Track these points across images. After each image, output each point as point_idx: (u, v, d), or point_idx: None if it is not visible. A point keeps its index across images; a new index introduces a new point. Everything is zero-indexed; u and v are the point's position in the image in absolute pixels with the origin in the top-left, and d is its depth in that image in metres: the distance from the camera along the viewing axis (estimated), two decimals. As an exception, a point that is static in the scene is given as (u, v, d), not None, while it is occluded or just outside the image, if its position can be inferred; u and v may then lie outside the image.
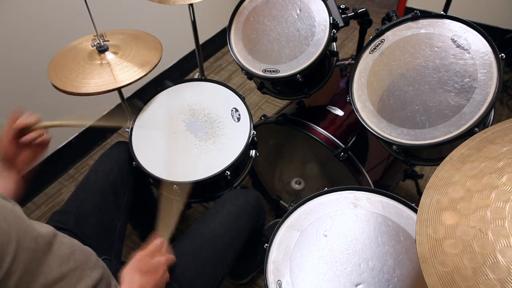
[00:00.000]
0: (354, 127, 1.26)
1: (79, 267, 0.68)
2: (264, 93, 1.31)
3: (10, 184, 0.82)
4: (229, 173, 1.04)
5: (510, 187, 0.50)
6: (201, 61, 1.63)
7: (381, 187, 0.93)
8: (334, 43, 1.17)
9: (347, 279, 0.75)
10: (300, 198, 1.42)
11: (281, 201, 1.55)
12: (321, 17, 1.10)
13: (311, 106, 1.37)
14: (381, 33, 1.03)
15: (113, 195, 1.04)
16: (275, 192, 1.56)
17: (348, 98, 1.02)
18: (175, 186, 1.02)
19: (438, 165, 0.60)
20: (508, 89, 2.07)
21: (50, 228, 0.67)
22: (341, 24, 1.14)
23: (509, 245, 0.45)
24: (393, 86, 0.97)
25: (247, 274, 1.37)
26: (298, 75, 1.08)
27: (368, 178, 1.20)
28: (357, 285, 0.74)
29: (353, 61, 1.13)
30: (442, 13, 0.95)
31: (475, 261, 0.46)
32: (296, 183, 1.40)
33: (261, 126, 1.33)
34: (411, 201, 0.84)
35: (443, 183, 0.57)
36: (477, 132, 0.83)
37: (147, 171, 1.04)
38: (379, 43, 1.02)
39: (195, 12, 1.42)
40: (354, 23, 1.23)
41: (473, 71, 0.87)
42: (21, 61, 1.56)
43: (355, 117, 1.00)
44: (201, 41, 1.82)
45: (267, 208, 1.63)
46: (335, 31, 1.10)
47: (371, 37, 1.05)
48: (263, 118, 1.38)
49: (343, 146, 1.18)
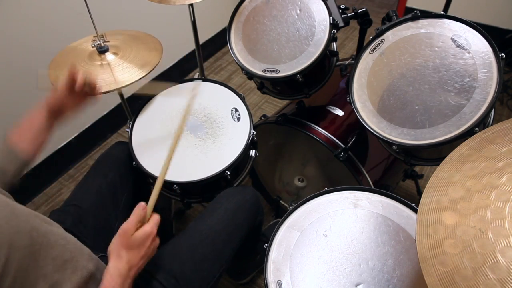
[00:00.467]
0: (354, 127, 1.26)
1: (74, 258, 0.68)
2: (264, 93, 1.31)
3: (47, 130, 0.92)
4: (229, 173, 1.04)
5: (510, 187, 0.50)
6: (201, 61, 1.63)
7: (381, 187, 0.93)
8: (334, 43, 1.17)
9: (347, 279, 0.75)
10: (300, 197, 1.43)
11: (281, 201, 1.55)
12: (321, 17, 1.10)
13: (311, 106, 1.37)
14: (381, 33, 1.03)
15: (112, 195, 1.04)
16: (275, 192, 1.56)
17: (348, 98, 1.02)
18: (175, 186, 1.02)
19: (438, 165, 0.60)
20: (508, 89, 2.07)
21: (45, 218, 0.68)
22: (341, 24, 1.14)
23: (509, 245, 0.45)
24: (393, 86, 0.97)
25: (247, 274, 1.37)
26: (298, 75, 1.08)
27: (368, 178, 1.20)
28: (357, 285, 0.74)
29: (353, 61, 1.13)
30: (442, 13, 0.95)
31: (475, 261, 0.46)
32: (299, 180, 1.40)
33: (261, 126, 1.33)
34: (411, 201, 0.84)
35: (443, 183, 0.57)
36: (477, 132, 0.83)
37: (147, 171, 1.04)
38: (379, 43, 1.02)
39: (195, 12, 1.41)
40: (354, 23, 1.23)
41: (473, 71, 0.87)
42: (22, 62, 1.56)
43: (355, 117, 1.00)
44: (201, 41, 1.82)
45: (267, 208, 1.64)
46: (335, 31, 1.10)
47: (371, 37, 1.05)
48: (263, 118, 1.38)
49: (343, 146, 1.18)
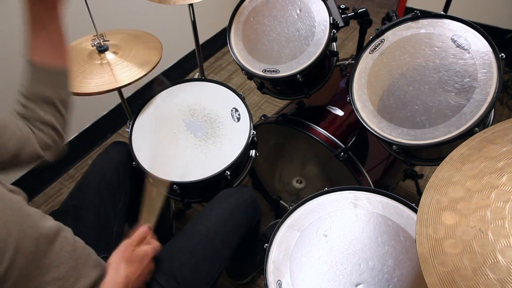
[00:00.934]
0: (354, 127, 1.26)
1: (79, 265, 0.68)
2: (264, 93, 1.31)
3: (56, 34, 0.84)
4: (229, 173, 1.04)
5: (510, 187, 0.50)
6: (201, 61, 1.63)
7: (381, 187, 0.93)
8: (334, 43, 1.17)
9: (347, 279, 0.75)
10: (300, 198, 1.43)
11: (281, 201, 1.55)
12: (321, 17, 1.10)
13: (311, 106, 1.37)
14: (381, 33, 1.03)
15: (110, 195, 1.04)
16: (275, 192, 1.56)
17: (348, 98, 1.02)
18: (175, 186, 1.02)
19: (438, 165, 0.60)
20: (508, 89, 2.07)
21: (55, 223, 0.67)
22: (341, 24, 1.14)
23: (509, 245, 0.45)
24: (393, 86, 0.97)
25: (247, 274, 1.37)
26: (298, 75, 1.08)
27: (368, 178, 1.20)
28: (357, 285, 0.74)
29: (353, 61, 1.13)
30: (442, 13, 0.95)
31: (475, 261, 0.46)
32: (297, 182, 1.40)
33: (261, 126, 1.33)
34: (411, 201, 0.84)
35: (443, 183, 0.57)
36: (477, 132, 0.83)
37: (147, 171, 1.04)
38: (379, 43, 1.02)
39: (195, 12, 1.42)
40: (354, 23, 1.23)
41: (473, 71, 0.87)
42: (22, 61, 1.55)
43: (355, 117, 1.00)
44: (201, 41, 1.82)
45: (267, 208, 1.64)
46: (335, 31, 1.10)
47: (371, 37, 1.05)
48: (263, 118, 1.38)
49: (343, 146, 1.18)
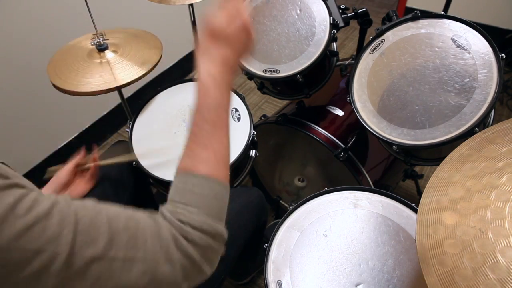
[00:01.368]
0: (354, 127, 1.26)
1: None
2: (264, 93, 1.31)
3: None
4: (229, 173, 1.04)
5: (510, 187, 0.50)
6: (201, 61, 1.63)
7: (381, 187, 0.93)
8: (334, 43, 1.17)
9: (347, 279, 0.75)
10: (300, 198, 1.43)
11: (281, 201, 1.55)
12: (321, 17, 1.10)
13: (311, 106, 1.36)
14: (381, 33, 1.03)
15: (114, 194, 1.03)
16: (275, 192, 1.56)
17: (348, 98, 1.02)
18: None
19: (438, 165, 0.60)
20: (508, 89, 2.07)
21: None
22: (341, 24, 1.14)
23: (509, 245, 0.45)
24: (393, 86, 0.97)
25: (247, 274, 1.37)
26: (298, 75, 1.08)
27: (368, 178, 1.20)
28: (357, 285, 0.74)
29: (353, 61, 1.13)
30: (442, 13, 0.95)
31: (475, 261, 0.46)
32: (299, 180, 1.39)
33: (261, 126, 1.33)
34: (411, 201, 0.84)
35: (443, 183, 0.57)
36: (477, 132, 0.83)
37: (147, 171, 1.04)
38: (379, 43, 1.02)
39: (195, 12, 1.42)
40: (354, 23, 1.23)
41: (473, 71, 0.87)
42: (21, 60, 1.56)
43: (355, 117, 1.00)
44: (201, 41, 1.82)
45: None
46: (335, 31, 1.10)
47: (371, 37, 1.05)
48: (263, 118, 1.38)
49: (343, 146, 1.18)
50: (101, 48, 1.13)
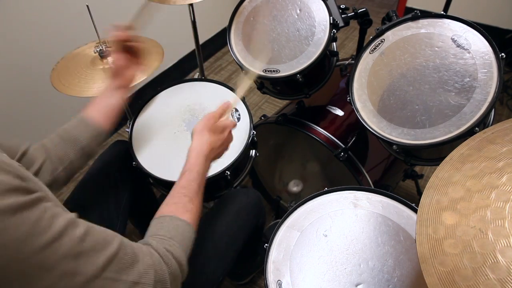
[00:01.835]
0: (354, 127, 1.26)
1: None
2: (264, 93, 1.31)
3: (117, 102, 0.95)
4: (229, 173, 1.04)
5: (510, 187, 0.50)
6: (201, 61, 1.63)
7: (381, 187, 0.93)
8: (334, 43, 1.17)
9: (347, 279, 0.75)
10: (300, 198, 1.42)
11: (281, 201, 1.54)
12: (321, 17, 1.10)
13: (311, 106, 1.36)
14: (381, 33, 1.03)
15: (114, 193, 1.03)
16: (275, 192, 1.56)
17: (348, 98, 1.02)
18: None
19: (438, 165, 0.60)
20: (508, 89, 2.07)
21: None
22: (341, 24, 1.14)
23: (509, 245, 0.45)
24: (393, 86, 0.97)
25: (247, 274, 1.37)
26: (298, 75, 1.08)
27: (368, 178, 1.20)
28: (357, 285, 0.74)
29: (353, 61, 1.13)
30: (442, 13, 0.95)
31: (475, 261, 0.46)
32: (294, 184, 1.37)
33: (261, 126, 1.33)
34: (411, 201, 0.84)
35: (443, 183, 0.57)
36: (477, 132, 0.83)
37: (147, 171, 1.04)
38: (379, 43, 1.02)
39: (195, 12, 1.42)
40: (354, 23, 1.23)
41: (473, 71, 0.87)
42: (26, 69, 1.58)
43: (355, 117, 1.00)
44: (201, 41, 1.82)
45: (267, 208, 1.63)
46: (335, 31, 1.10)
47: (371, 37, 1.04)
48: (263, 118, 1.38)
49: (343, 146, 1.17)
50: (104, 55, 1.16)
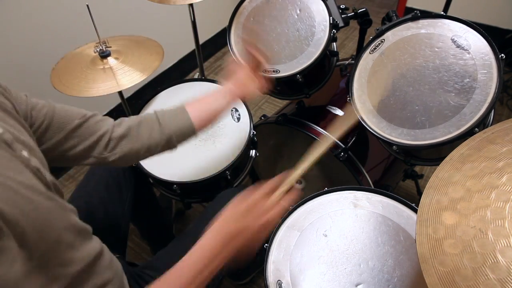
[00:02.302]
0: (354, 127, 1.26)
1: (93, 264, 0.66)
2: (264, 93, 1.31)
3: (222, 107, 0.91)
4: (229, 173, 1.04)
5: (510, 187, 0.50)
6: (201, 61, 1.63)
7: (381, 187, 0.93)
8: (334, 43, 1.17)
9: (347, 279, 0.75)
10: (302, 196, 1.42)
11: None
12: (321, 17, 1.10)
13: (311, 106, 1.36)
14: (381, 33, 1.03)
15: (118, 191, 1.03)
16: (275, 192, 1.56)
17: (348, 98, 1.02)
18: (175, 186, 1.02)
19: (438, 165, 0.60)
20: (508, 89, 2.07)
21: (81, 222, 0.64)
22: (341, 24, 1.14)
23: (509, 245, 0.45)
24: (393, 86, 0.97)
25: (247, 274, 1.37)
26: (298, 75, 1.08)
27: (368, 178, 1.20)
28: (357, 285, 0.74)
29: (353, 61, 1.13)
30: (442, 13, 0.95)
31: (475, 261, 0.46)
32: (297, 182, 1.38)
33: (261, 126, 1.33)
34: (411, 201, 0.84)
35: (443, 183, 0.57)
36: (477, 132, 0.83)
37: (147, 171, 1.04)
38: (379, 43, 1.02)
39: (195, 12, 1.42)
40: (354, 23, 1.23)
41: (473, 72, 0.87)
42: (26, 68, 1.58)
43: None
44: (201, 41, 1.82)
45: (267, 208, 1.63)
46: (335, 31, 1.10)
47: (371, 37, 1.05)
48: (263, 118, 1.38)
49: (343, 146, 1.18)
50: (104, 55, 1.16)
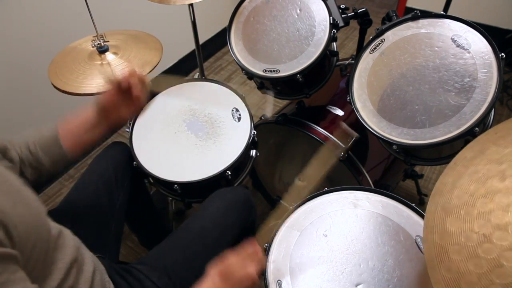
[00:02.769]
0: (354, 127, 1.26)
1: (78, 258, 0.70)
2: (264, 93, 1.31)
3: (94, 139, 0.92)
4: (230, 173, 1.04)
5: (512, 189, 0.50)
6: (201, 61, 1.63)
7: (381, 187, 0.93)
8: (334, 43, 1.17)
9: (347, 279, 0.75)
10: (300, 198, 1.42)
11: (281, 201, 1.54)
12: (321, 17, 1.10)
13: (311, 106, 1.36)
14: (381, 33, 1.03)
15: (108, 195, 1.03)
16: (275, 192, 1.56)
17: (348, 98, 1.02)
18: (175, 185, 1.02)
19: (438, 165, 0.60)
20: (508, 89, 2.07)
21: (55, 224, 0.70)
22: (341, 24, 1.14)
23: (512, 248, 0.45)
24: (393, 85, 0.97)
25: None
26: (298, 75, 1.08)
27: (368, 178, 1.20)
28: (357, 285, 0.74)
29: (353, 61, 1.13)
30: (442, 13, 0.95)
31: (480, 267, 0.46)
32: (299, 179, 1.39)
33: (261, 126, 1.33)
34: (411, 201, 0.84)
35: (448, 188, 0.57)
36: (477, 131, 0.83)
37: (148, 171, 1.04)
38: (379, 43, 1.02)
39: (195, 12, 1.42)
40: (354, 23, 1.23)
41: (473, 71, 0.87)
42: (22, 62, 1.56)
43: (355, 117, 1.00)
44: (201, 41, 1.82)
45: (267, 208, 1.63)
46: (335, 31, 1.10)
47: (371, 37, 1.04)
48: (263, 118, 1.38)
49: (343, 146, 1.17)
50: (102, 50, 1.14)
